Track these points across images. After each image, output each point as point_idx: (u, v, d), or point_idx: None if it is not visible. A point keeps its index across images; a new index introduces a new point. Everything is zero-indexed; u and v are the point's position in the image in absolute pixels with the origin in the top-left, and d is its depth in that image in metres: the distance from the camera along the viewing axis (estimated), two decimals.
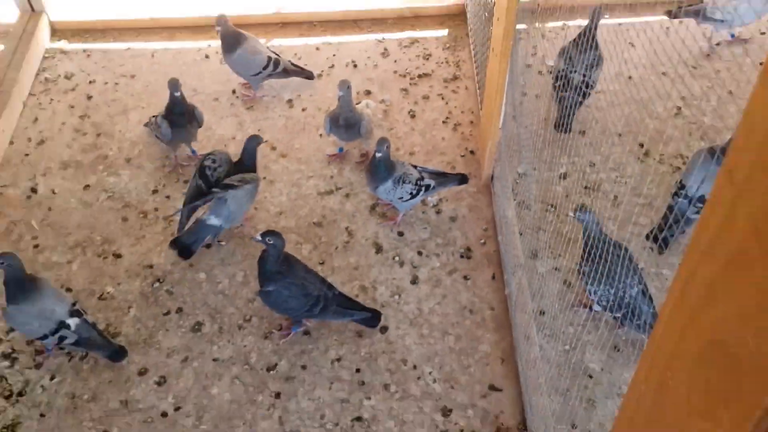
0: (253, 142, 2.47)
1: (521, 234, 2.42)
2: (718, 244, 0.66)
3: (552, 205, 2.53)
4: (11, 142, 2.85)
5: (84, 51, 3.20)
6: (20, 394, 2.13)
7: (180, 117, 2.57)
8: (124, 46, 3.24)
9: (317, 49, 3.13)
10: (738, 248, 0.61)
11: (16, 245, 2.53)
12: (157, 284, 2.43)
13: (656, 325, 0.84)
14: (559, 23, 2.87)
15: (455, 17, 3.30)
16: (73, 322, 2.09)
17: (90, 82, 3.06)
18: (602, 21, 2.61)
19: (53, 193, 2.69)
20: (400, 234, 2.59)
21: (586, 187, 2.58)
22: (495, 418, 2.16)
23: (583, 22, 2.62)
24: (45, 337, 2.10)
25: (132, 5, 3.32)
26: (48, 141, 2.85)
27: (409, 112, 2.92)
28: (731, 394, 0.66)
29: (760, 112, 0.56)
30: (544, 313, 2.23)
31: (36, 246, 2.52)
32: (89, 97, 2.99)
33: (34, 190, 2.68)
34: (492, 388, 2.21)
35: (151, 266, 2.47)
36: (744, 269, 0.60)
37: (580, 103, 2.59)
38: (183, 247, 2.40)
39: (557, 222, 2.44)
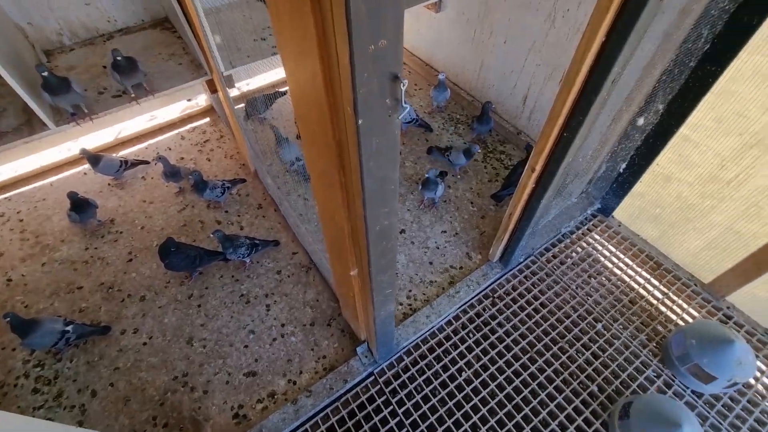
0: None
1: (271, 182, 2.57)
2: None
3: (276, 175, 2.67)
4: None
5: (5, 197, 2.70)
6: (55, 377, 1.95)
7: (84, 206, 2.38)
8: (31, 186, 2.76)
9: (146, 148, 2.98)
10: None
11: (13, 308, 2.19)
12: (111, 290, 2.24)
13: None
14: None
15: (210, 110, 3.24)
16: (70, 328, 1.95)
17: (17, 211, 2.62)
18: None
19: (23, 276, 2.31)
20: (226, 212, 2.58)
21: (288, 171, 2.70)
22: (294, 255, 2.36)
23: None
24: (56, 344, 1.92)
25: (28, 163, 2.84)
26: (6, 253, 2.42)
27: (207, 159, 2.90)
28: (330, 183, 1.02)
29: None
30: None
31: (26, 305, 2.19)
32: (20, 220, 2.56)
33: (9, 279, 2.30)
34: (276, 244, 2.38)
35: (103, 283, 2.26)
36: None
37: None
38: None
39: (282, 174, 2.63)
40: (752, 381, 1.86)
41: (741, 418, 1.77)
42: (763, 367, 1.91)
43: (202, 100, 3.34)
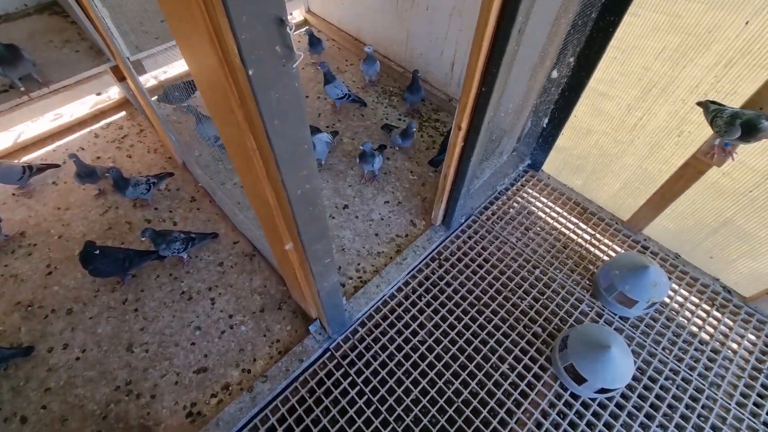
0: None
1: (201, 172, 2.47)
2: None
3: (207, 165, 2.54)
4: None
5: None
6: None
7: None
8: None
9: (54, 150, 2.67)
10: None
11: None
12: (30, 307, 2.02)
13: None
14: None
15: (126, 103, 2.97)
16: None
17: None
18: None
19: None
20: (155, 209, 2.41)
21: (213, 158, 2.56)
22: (236, 244, 2.28)
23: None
24: None
25: None
26: None
27: (127, 156, 2.65)
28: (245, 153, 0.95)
29: None
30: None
31: None
32: None
33: None
34: (214, 236, 2.25)
35: (19, 302, 2.03)
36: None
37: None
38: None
39: (213, 163, 2.51)
40: (667, 300, 2.09)
41: (661, 334, 1.99)
42: (676, 287, 2.15)
43: (114, 92, 3.05)
